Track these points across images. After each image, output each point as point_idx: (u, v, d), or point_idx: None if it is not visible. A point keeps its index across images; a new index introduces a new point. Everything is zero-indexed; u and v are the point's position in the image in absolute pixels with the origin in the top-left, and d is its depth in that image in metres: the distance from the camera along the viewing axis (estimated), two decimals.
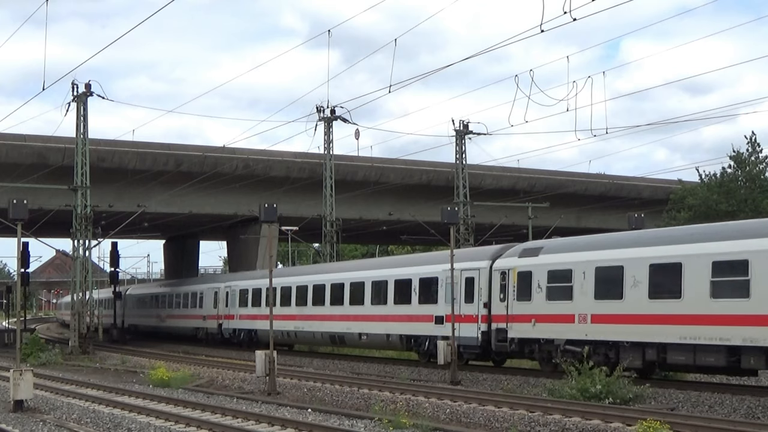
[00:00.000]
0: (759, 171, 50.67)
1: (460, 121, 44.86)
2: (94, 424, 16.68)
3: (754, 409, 16.95)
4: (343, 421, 16.55)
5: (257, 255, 48.66)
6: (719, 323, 18.66)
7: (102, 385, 24.53)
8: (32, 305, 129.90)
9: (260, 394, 21.70)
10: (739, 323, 18.30)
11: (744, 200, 49.37)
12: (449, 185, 46.41)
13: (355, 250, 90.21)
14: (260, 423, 16.39)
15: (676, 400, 18.42)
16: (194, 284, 48.63)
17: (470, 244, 43.77)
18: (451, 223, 25.03)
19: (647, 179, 57.30)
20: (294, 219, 47.08)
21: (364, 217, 50.31)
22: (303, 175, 46.48)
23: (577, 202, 54.09)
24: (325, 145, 42.73)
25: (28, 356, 33.75)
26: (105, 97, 37.68)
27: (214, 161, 44.24)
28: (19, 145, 40.73)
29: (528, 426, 15.43)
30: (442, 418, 16.99)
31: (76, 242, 38.68)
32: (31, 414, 18.23)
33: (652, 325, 20.14)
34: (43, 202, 39.46)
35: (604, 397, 18.24)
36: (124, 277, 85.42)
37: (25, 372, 18.90)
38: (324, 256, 44.68)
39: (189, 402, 19.71)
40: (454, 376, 23.17)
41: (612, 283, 21.22)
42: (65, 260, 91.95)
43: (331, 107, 41.91)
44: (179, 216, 48.45)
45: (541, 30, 18.69)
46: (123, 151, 43.00)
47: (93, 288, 41.94)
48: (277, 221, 24.19)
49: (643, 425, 13.74)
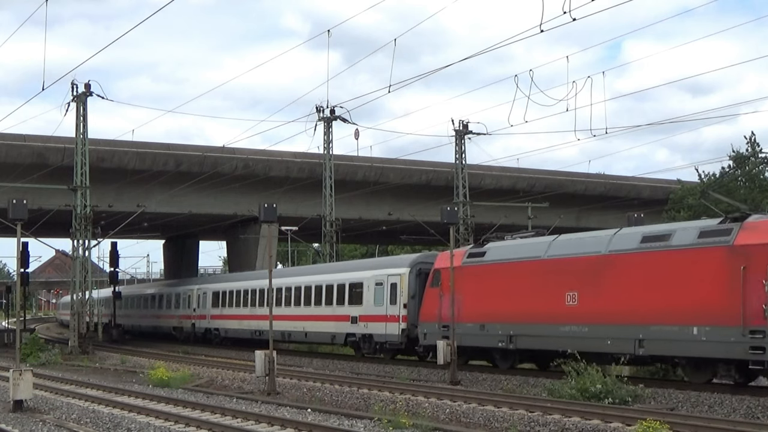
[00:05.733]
0: (759, 171, 50.70)
1: (459, 121, 44.89)
2: (93, 424, 16.67)
3: (753, 409, 16.95)
4: (342, 421, 16.54)
5: (257, 255, 48.67)
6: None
7: (101, 385, 24.52)
8: (32, 305, 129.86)
9: (260, 394, 21.69)
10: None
11: (744, 200, 49.38)
12: (449, 185, 46.41)
13: (355, 250, 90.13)
14: (260, 423, 16.38)
15: (675, 400, 18.41)
16: (173, 287, 51.36)
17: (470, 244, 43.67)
18: (450, 223, 25.02)
19: (647, 179, 57.30)
20: (294, 219, 47.07)
21: (363, 217, 50.30)
22: (303, 175, 46.48)
23: (576, 202, 54.11)
24: (325, 145, 42.72)
25: (28, 356, 33.74)
26: (105, 97, 37.71)
27: (214, 161, 44.24)
28: (18, 145, 40.72)
29: (527, 426, 15.43)
30: (441, 418, 16.99)
31: (76, 242, 38.67)
32: (31, 414, 18.22)
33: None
34: (43, 202, 39.45)
35: (603, 397, 18.24)
36: (123, 277, 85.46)
37: (25, 372, 18.88)
38: (324, 256, 44.66)
39: (188, 402, 19.70)
40: (454, 376, 23.18)
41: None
42: (65, 260, 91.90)
43: (330, 107, 41.92)
44: (179, 216, 48.45)
45: (541, 30, 18.72)
46: (123, 151, 42.99)
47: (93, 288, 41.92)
48: (276, 221, 24.16)
49: (642, 425, 13.74)
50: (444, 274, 25.98)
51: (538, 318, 23.10)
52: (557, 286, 22.52)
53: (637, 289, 20.62)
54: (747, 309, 18.09)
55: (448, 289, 24.95)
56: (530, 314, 23.34)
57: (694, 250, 19.62)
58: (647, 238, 20.97)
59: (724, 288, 18.68)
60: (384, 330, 29.11)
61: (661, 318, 19.95)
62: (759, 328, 17.81)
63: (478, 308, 25.17)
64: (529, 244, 24.92)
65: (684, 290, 19.55)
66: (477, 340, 25.32)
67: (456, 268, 25.10)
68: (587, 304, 21.47)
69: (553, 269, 22.91)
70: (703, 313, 19.04)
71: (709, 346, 18.92)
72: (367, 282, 30.65)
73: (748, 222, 19.12)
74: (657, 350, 20.29)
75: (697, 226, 20.41)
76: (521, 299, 23.81)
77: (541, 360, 24.82)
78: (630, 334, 20.54)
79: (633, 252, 21.05)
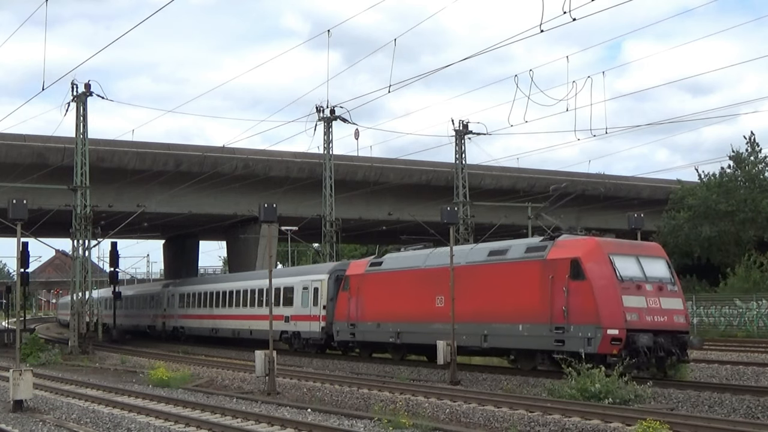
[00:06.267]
0: (758, 171, 50.71)
1: (459, 121, 44.92)
2: (93, 424, 16.67)
3: (754, 409, 16.94)
4: (342, 421, 16.54)
5: (257, 255, 48.68)
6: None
7: (101, 385, 24.51)
8: (32, 305, 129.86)
9: (260, 394, 21.69)
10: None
11: (743, 200, 49.40)
12: (449, 185, 46.42)
13: (355, 250, 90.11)
14: (260, 423, 16.38)
15: (675, 400, 18.41)
16: (148, 288, 56.52)
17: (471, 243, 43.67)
18: (450, 223, 25.02)
19: (647, 179, 57.32)
20: (294, 219, 47.10)
21: (363, 217, 50.30)
22: (303, 175, 46.48)
23: (576, 202, 54.06)
24: (325, 145, 42.71)
25: (28, 356, 33.74)
26: (105, 97, 37.69)
27: (214, 161, 44.24)
28: (18, 145, 40.72)
29: (527, 426, 15.43)
30: (441, 418, 16.98)
31: (76, 242, 38.66)
32: (31, 414, 18.22)
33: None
34: (43, 202, 39.45)
35: (603, 397, 18.23)
36: (123, 277, 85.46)
37: (25, 372, 18.88)
38: (324, 256, 44.66)
39: (188, 402, 19.70)
40: (454, 376, 23.18)
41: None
42: (65, 260, 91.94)
43: (330, 107, 41.91)
44: (179, 216, 48.47)
45: (541, 30, 18.73)
46: (123, 151, 42.99)
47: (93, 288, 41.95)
48: (276, 221, 24.16)
49: (642, 425, 13.73)
50: (352, 280, 30.96)
51: (417, 318, 27.44)
52: (430, 291, 26.63)
53: (483, 294, 24.79)
54: (553, 310, 22.19)
55: (355, 293, 30.27)
56: (411, 314, 27.73)
57: (521, 262, 23.88)
58: (492, 252, 25.42)
59: (540, 293, 22.71)
60: (309, 328, 33.78)
61: (499, 318, 24.23)
62: (560, 325, 22.01)
63: (375, 310, 29.65)
64: (414, 256, 29.04)
65: (514, 295, 23.77)
66: (375, 336, 29.78)
67: (360, 276, 30.45)
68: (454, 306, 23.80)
69: (428, 277, 27.01)
70: (526, 313, 23.19)
71: (530, 340, 23.28)
72: (297, 287, 34.97)
73: (559, 240, 23.19)
74: (496, 344, 24.57)
75: (526, 243, 24.87)
76: (405, 302, 28.19)
77: (429, 353, 27.51)
78: (478, 330, 24.68)
79: (481, 263, 25.36)
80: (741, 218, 49.26)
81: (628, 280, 21.60)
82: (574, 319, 21.67)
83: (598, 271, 21.67)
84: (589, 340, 21.25)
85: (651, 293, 21.80)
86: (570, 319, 21.76)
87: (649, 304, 21.56)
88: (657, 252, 23.48)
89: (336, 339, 31.86)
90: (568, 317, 21.80)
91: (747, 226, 49.23)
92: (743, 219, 49.15)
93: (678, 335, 21.82)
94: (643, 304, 21.50)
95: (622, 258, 22.08)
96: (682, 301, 22.67)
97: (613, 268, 21.61)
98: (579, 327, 21.56)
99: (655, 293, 21.85)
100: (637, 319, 21.25)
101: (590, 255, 22.01)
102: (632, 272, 21.87)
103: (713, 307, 45.03)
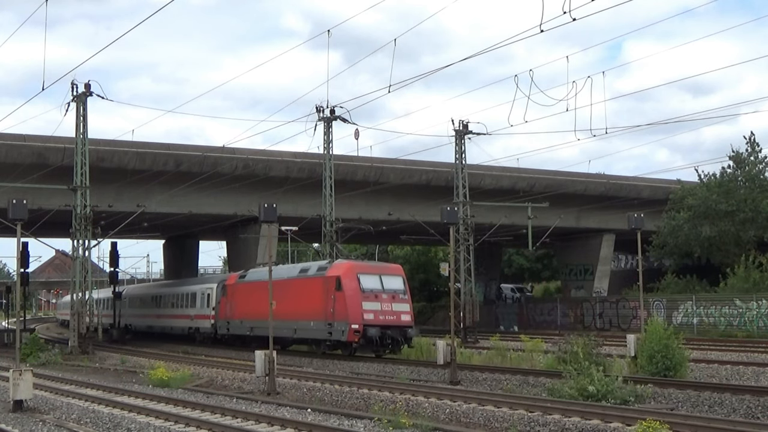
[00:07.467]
0: (758, 171, 50.65)
1: (459, 121, 44.85)
2: (93, 424, 16.68)
3: (754, 409, 16.96)
4: (342, 421, 16.55)
5: (257, 255, 48.64)
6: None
7: (101, 385, 24.53)
8: (32, 305, 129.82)
9: (260, 394, 21.71)
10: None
11: (744, 200, 49.36)
12: (449, 185, 46.38)
13: (355, 250, 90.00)
14: (260, 423, 16.39)
15: (675, 400, 18.43)
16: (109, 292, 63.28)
17: (470, 243, 43.75)
18: (450, 223, 25.05)
19: (647, 179, 57.21)
20: (294, 219, 47.00)
21: (363, 217, 50.25)
22: (303, 175, 46.42)
23: (576, 202, 54.08)
24: (325, 145, 42.65)
25: (28, 356, 33.76)
26: (104, 97, 37.64)
27: (214, 161, 44.19)
28: (18, 145, 40.63)
29: (527, 426, 15.44)
30: (441, 418, 17.00)
31: (76, 242, 38.66)
32: (31, 414, 18.23)
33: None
34: (43, 202, 39.38)
35: (602, 397, 18.23)
36: (123, 277, 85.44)
37: (25, 372, 18.89)
38: (323, 256, 44.61)
39: (188, 402, 19.71)
40: (454, 376, 23.19)
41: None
42: (65, 260, 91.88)
43: (330, 107, 41.83)
44: (179, 216, 48.39)
45: (541, 30, 18.72)
46: (123, 151, 42.90)
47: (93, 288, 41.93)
48: (276, 221, 24.18)
49: (642, 425, 13.74)
50: (228, 288, 41.85)
51: (260, 317, 35.09)
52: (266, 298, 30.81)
53: (294, 300, 33.79)
54: (326, 311, 31.76)
55: (230, 298, 41.07)
56: (257, 314, 35.95)
57: (313, 278, 33.62)
58: (301, 270, 35.76)
59: (322, 300, 32.07)
60: (204, 325, 44.59)
61: (302, 317, 33.58)
62: (330, 322, 31.56)
63: (240, 311, 39.63)
64: (263, 271, 35.95)
65: (309, 301, 33.11)
66: (240, 330, 39.74)
67: (233, 285, 41.36)
68: (280, 308, 30.27)
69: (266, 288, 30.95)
70: (315, 313, 32.58)
71: (317, 332, 32.80)
72: (198, 293, 46.26)
73: (335, 263, 33.47)
74: (301, 336, 34.26)
75: (318, 264, 34.93)
76: (255, 306, 36.60)
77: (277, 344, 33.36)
78: (291, 326, 33.91)
79: (294, 278, 35.06)
80: (741, 218, 49.20)
81: (368, 291, 30.86)
82: (336, 318, 31.18)
83: (349, 285, 30.98)
84: (343, 332, 30.85)
85: (386, 300, 30.92)
86: (335, 317, 31.23)
87: (383, 308, 30.72)
88: (396, 271, 32.66)
89: (218, 332, 42.57)
90: (333, 316, 31.28)
91: (747, 226, 49.19)
92: (743, 219, 49.10)
93: (403, 328, 31.00)
94: (378, 307, 30.64)
95: (367, 276, 31.46)
96: (410, 306, 31.84)
97: (359, 283, 30.97)
98: (338, 323, 31.12)
99: (389, 300, 30.96)
100: (372, 318, 30.39)
101: (346, 273, 31.52)
102: (372, 285, 31.11)
103: (713, 307, 45.07)
